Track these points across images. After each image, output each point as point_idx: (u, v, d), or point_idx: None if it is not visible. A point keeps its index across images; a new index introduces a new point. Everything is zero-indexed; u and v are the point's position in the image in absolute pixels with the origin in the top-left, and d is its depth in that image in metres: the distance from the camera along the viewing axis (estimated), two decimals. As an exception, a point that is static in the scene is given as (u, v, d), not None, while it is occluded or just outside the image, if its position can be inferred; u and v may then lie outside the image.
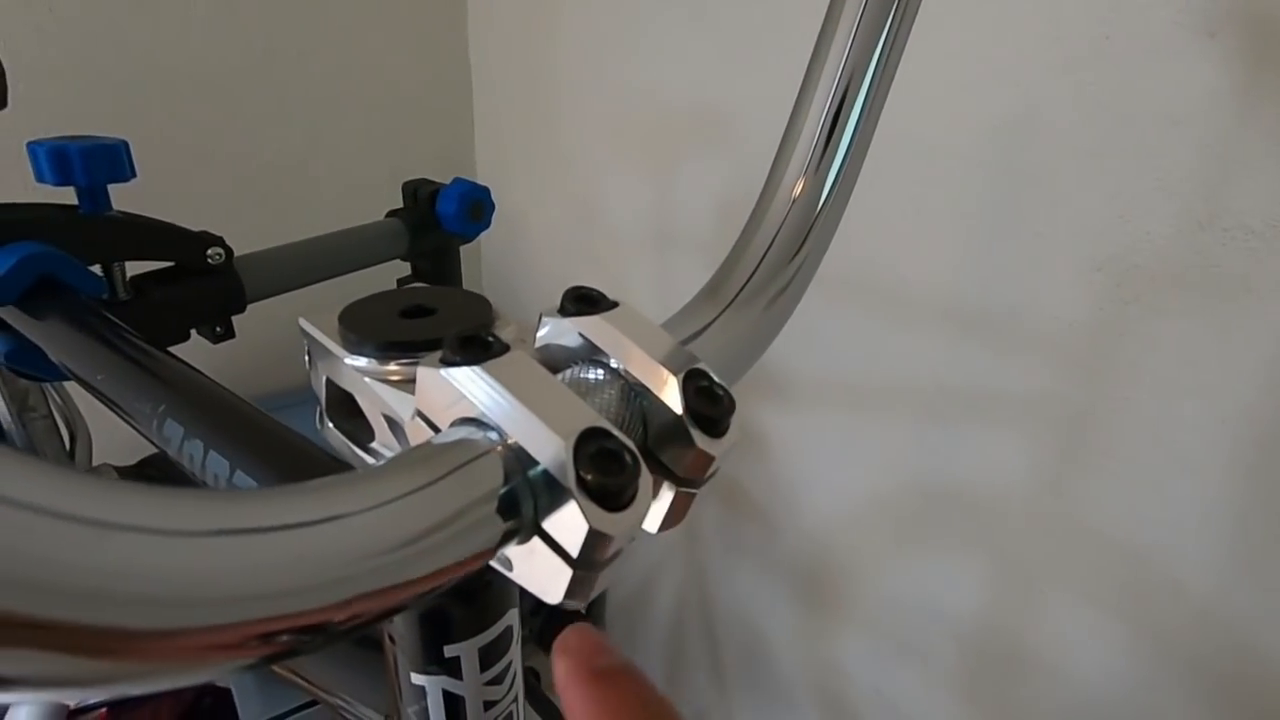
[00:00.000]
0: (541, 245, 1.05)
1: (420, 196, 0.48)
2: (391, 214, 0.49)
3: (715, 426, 0.15)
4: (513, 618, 0.20)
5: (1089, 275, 0.47)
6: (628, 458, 0.13)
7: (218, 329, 0.41)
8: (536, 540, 0.13)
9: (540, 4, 0.92)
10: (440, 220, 0.48)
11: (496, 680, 0.20)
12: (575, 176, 0.95)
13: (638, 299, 0.78)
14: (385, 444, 0.20)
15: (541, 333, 0.17)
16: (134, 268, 0.39)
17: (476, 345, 0.14)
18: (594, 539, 0.12)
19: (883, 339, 0.60)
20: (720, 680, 0.91)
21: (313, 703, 0.92)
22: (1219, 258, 0.42)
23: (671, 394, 0.15)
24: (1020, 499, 0.54)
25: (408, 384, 0.19)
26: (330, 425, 0.21)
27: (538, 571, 0.13)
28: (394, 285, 0.52)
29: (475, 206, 0.47)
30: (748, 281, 0.19)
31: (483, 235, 0.54)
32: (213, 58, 0.89)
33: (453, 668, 0.19)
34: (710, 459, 0.15)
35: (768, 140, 0.77)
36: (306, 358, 0.22)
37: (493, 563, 0.14)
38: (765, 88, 0.66)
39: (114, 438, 0.52)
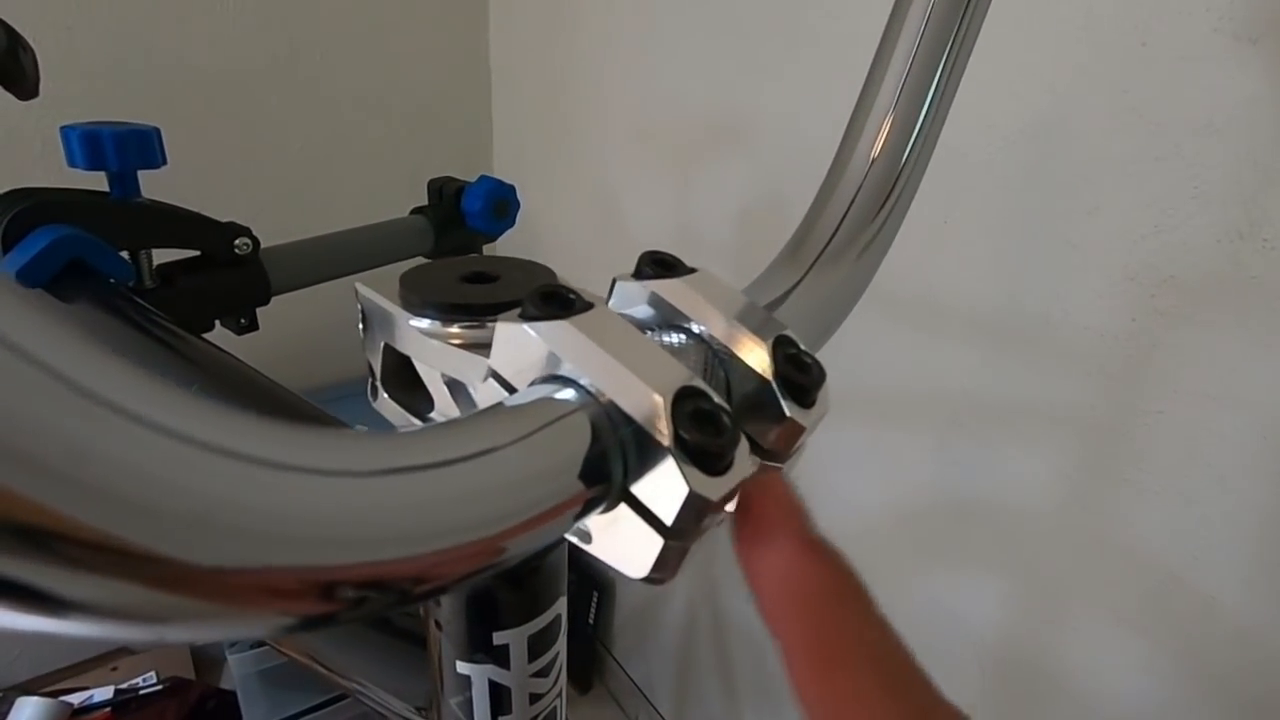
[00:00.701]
0: (557, 247, 1.05)
1: (446, 193, 0.48)
2: (416, 211, 0.49)
3: (806, 396, 0.15)
4: (561, 606, 0.19)
5: (1122, 285, 0.46)
6: (725, 419, 0.12)
7: (241, 320, 0.41)
8: (623, 508, 0.12)
9: (562, 11, 0.92)
10: (465, 217, 0.47)
11: (543, 672, 0.19)
12: (593, 180, 0.95)
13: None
14: (444, 412, 0.19)
15: (614, 299, 0.16)
16: (160, 256, 0.39)
17: (559, 300, 0.13)
18: (693, 503, 0.12)
19: (907, 347, 0.60)
20: (731, 690, 0.90)
21: (319, 706, 0.91)
22: (1258, 269, 0.41)
23: (760, 361, 0.14)
24: (1047, 513, 0.53)
25: (473, 348, 0.18)
26: (385, 396, 0.20)
27: (622, 542, 0.13)
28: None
29: (500, 204, 0.47)
30: (829, 242, 0.18)
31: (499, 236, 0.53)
32: (240, 56, 0.89)
33: (500, 656, 0.18)
34: (800, 430, 0.15)
35: (786, 148, 0.77)
36: (360, 327, 0.21)
37: (569, 535, 0.13)
38: (785, 97, 0.66)
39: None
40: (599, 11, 0.87)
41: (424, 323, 0.19)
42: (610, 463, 0.12)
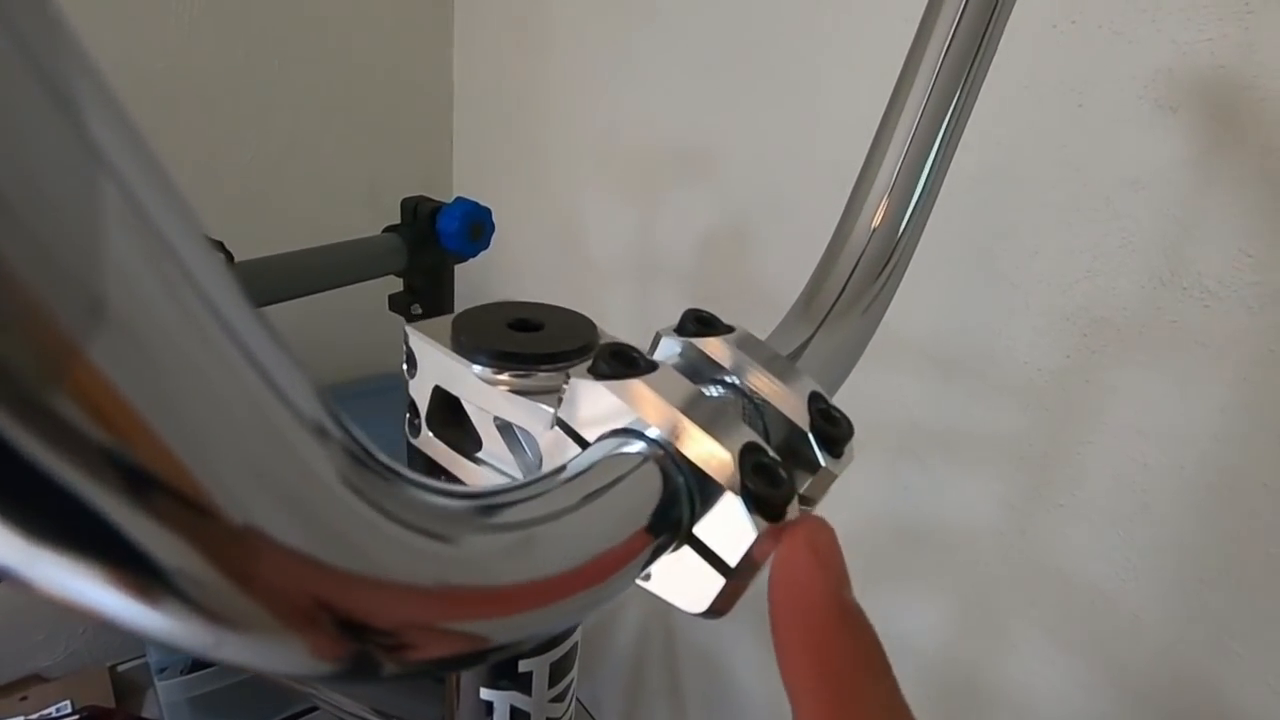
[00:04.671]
0: (516, 268, 1.05)
1: (420, 213, 0.48)
2: (389, 229, 0.49)
3: (837, 447, 0.16)
4: (578, 634, 0.20)
5: (1059, 325, 0.50)
6: (782, 472, 0.14)
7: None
8: (685, 549, 0.14)
9: (530, 31, 0.94)
10: (440, 238, 0.48)
11: (559, 698, 0.20)
12: (555, 201, 0.96)
13: (616, 326, 0.79)
14: (492, 451, 0.20)
15: (659, 351, 0.17)
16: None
17: (625, 359, 0.15)
18: (758, 544, 0.13)
19: (859, 377, 0.62)
20: (681, 713, 0.91)
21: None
22: (1178, 313, 0.45)
23: (798, 414, 0.16)
24: (988, 537, 0.56)
25: (522, 393, 0.19)
26: (429, 434, 0.21)
27: (682, 581, 0.14)
28: (384, 301, 0.52)
29: (476, 226, 0.48)
30: (837, 300, 0.20)
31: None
32: (193, 62, 0.87)
33: (524, 683, 0.19)
34: (832, 478, 0.16)
35: (751, 177, 0.80)
36: (406, 368, 0.22)
37: None
38: (748, 129, 0.69)
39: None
40: (566, 37, 0.88)
41: (476, 369, 0.20)
42: (680, 509, 0.13)
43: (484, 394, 0.20)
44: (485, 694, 0.19)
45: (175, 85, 0.87)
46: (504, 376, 0.20)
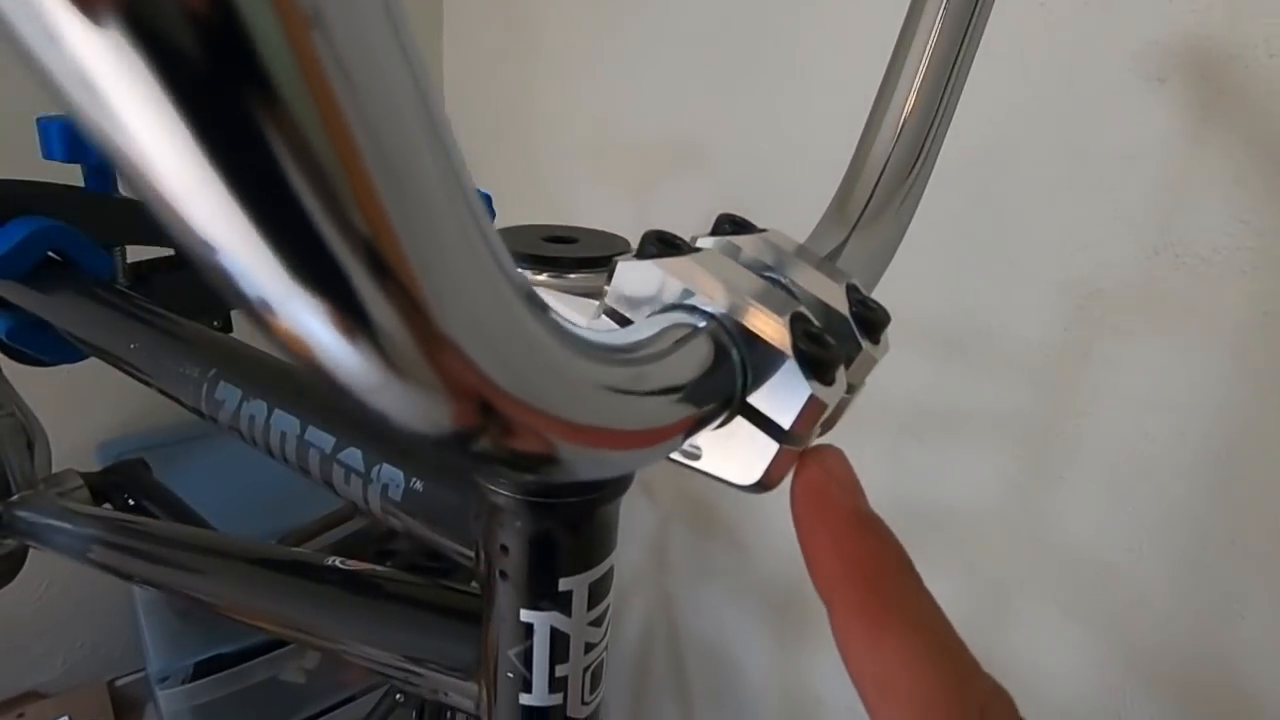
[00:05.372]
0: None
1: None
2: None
3: (876, 332, 0.17)
4: (614, 558, 0.20)
5: (1056, 298, 0.50)
6: (829, 338, 0.14)
7: (215, 323, 0.40)
8: (738, 420, 0.14)
9: (519, 22, 0.94)
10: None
11: (597, 621, 0.20)
12: (547, 197, 0.96)
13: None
14: None
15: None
16: (134, 254, 0.38)
17: (670, 243, 0.15)
18: (811, 405, 0.13)
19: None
20: (688, 707, 0.90)
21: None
22: (1172, 283, 0.45)
23: (839, 302, 0.16)
24: (993, 514, 0.57)
25: (560, 293, 0.20)
26: None
27: (734, 453, 0.14)
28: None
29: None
30: (869, 200, 0.21)
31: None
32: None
33: (564, 603, 0.19)
34: (872, 362, 0.17)
35: (742, 166, 0.80)
36: None
37: (676, 455, 0.14)
38: (742, 121, 0.69)
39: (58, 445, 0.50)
40: (556, 28, 0.89)
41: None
42: (733, 378, 0.14)
43: None
44: (525, 615, 0.19)
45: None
46: (543, 277, 0.21)
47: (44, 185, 0.34)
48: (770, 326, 0.14)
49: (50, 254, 0.31)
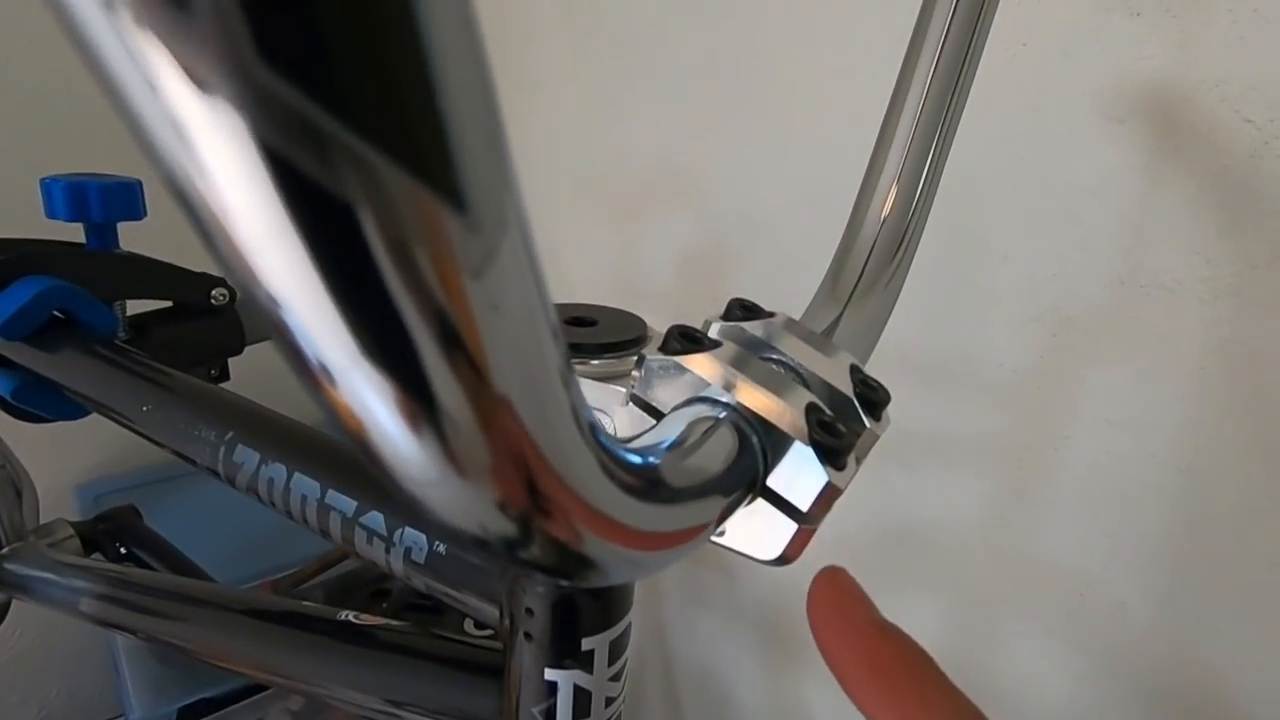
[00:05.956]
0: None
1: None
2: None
3: (877, 410, 0.18)
4: (631, 615, 0.21)
5: (1029, 326, 0.52)
6: (841, 426, 0.15)
7: (213, 371, 0.40)
8: (758, 502, 0.15)
9: (505, 58, 0.96)
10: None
11: (616, 677, 0.21)
12: (536, 227, 0.97)
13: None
14: None
15: (711, 335, 0.19)
16: (132, 307, 0.38)
17: (692, 338, 0.16)
18: (828, 491, 0.15)
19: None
20: (682, 735, 0.90)
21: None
22: (1138, 310, 0.48)
23: (843, 384, 0.18)
24: (975, 534, 0.58)
25: (588, 379, 0.21)
26: None
27: (756, 531, 0.15)
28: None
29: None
30: (859, 279, 0.22)
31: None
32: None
33: (586, 662, 0.20)
34: (875, 438, 0.18)
35: (727, 199, 0.82)
36: None
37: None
38: (725, 151, 0.71)
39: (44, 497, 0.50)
40: (543, 63, 0.91)
41: None
42: (755, 463, 0.15)
43: None
44: (550, 674, 0.20)
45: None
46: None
47: (49, 244, 0.34)
48: (788, 417, 0.15)
49: (55, 313, 0.32)
